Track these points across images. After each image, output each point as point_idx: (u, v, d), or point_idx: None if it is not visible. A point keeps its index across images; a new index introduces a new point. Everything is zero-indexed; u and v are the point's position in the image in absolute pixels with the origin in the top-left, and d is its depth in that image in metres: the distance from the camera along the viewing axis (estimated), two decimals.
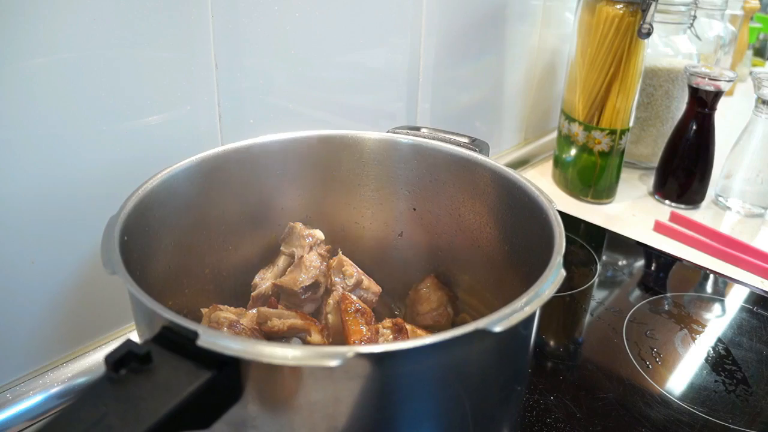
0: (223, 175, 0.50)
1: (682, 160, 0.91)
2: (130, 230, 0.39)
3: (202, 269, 0.51)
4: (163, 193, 0.45)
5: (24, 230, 0.47)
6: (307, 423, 0.32)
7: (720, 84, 0.85)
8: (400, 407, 0.33)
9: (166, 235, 0.46)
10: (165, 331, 0.30)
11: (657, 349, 0.62)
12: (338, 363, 0.28)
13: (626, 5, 0.80)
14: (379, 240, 0.58)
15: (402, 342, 0.30)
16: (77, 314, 0.53)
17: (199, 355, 0.28)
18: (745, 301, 0.71)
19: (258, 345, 0.29)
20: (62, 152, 0.48)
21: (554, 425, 0.52)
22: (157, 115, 0.53)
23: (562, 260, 0.37)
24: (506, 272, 0.50)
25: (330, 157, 0.55)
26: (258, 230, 0.55)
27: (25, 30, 0.43)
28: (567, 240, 0.39)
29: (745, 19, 1.44)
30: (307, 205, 0.56)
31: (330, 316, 0.50)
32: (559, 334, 0.65)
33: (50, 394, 0.51)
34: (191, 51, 0.53)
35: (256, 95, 0.60)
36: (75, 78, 0.47)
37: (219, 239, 0.52)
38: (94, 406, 0.26)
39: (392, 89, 0.76)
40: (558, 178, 0.98)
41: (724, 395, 0.57)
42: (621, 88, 0.85)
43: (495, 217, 0.50)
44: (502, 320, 0.31)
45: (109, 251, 0.36)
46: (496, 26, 0.88)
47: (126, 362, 0.27)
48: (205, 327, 0.29)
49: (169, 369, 0.28)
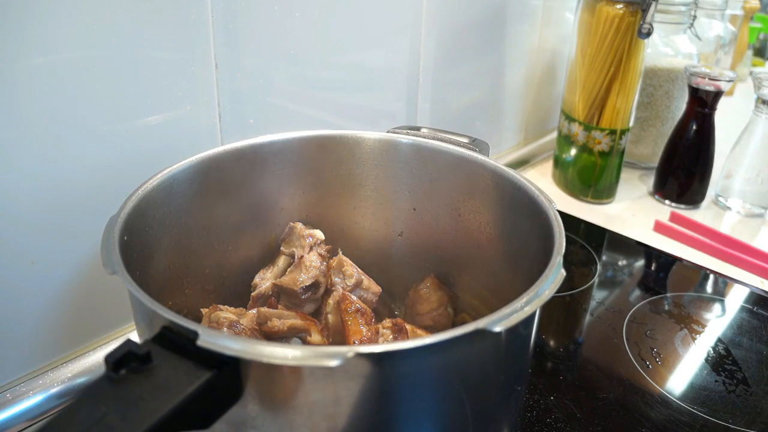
0: (223, 175, 0.50)
1: (682, 160, 0.91)
2: (130, 230, 0.39)
3: (202, 269, 0.51)
4: (162, 193, 0.45)
5: (24, 230, 0.47)
6: (307, 423, 0.32)
7: (720, 84, 0.85)
8: (400, 407, 0.33)
9: (166, 235, 0.46)
10: (165, 331, 0.30)
11: (657, 349, 0.62)
12: (338, 363, 0.28)
13: (626, 5, 0.80)
14: (379, 240, 0.58)
15: (402, 342, 0.30)
16: (77, 314, 0.53)
17: (199, 355, 0.28)
18: (745, 301, 0.71)
19: (258, 345, 0.29)
20: (62, 152, 0.48)
21: (554, 425, 0.52)
22: (157, 115, 0.53)
23: (562, 260, 0.37)
24: (506, 272, 0.50)
25: (330, 157, 0.55)
26: (258, 230, 0.55)
27: (25, 30, 0.43)
28: (567, 240, 0.39)
29: (745, 19, 1.44)
30: (307, 205, 0.56)
31: (330, 316, 0.50)
32: (559, 334, 0.65)
33: (50, 394, 0.51)
34: (191, 51, 0.53)
35: (256, 95, 0.60)
36: (75, 78, 0.47)
37: (219, 239, 0.52)
38: (94, 406, 0.26)
39: (392, 89, 0.76)
40: (558, 178, 0.98)
41: (724, 395, 0.57)
42: (621, 88, 0.85)
43: (495, 217, 0.50)
44: (502, 320, 0.31)
45: (109, 251, 0.36)
46: (496, 26, 0.88)
47: (126, 362, 0.27)
48: (205, 327, 0.29)
49: (169, 369, 0.28)
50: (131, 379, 0.27)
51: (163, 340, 0.29)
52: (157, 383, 0.27)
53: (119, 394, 0.26)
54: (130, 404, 0.26)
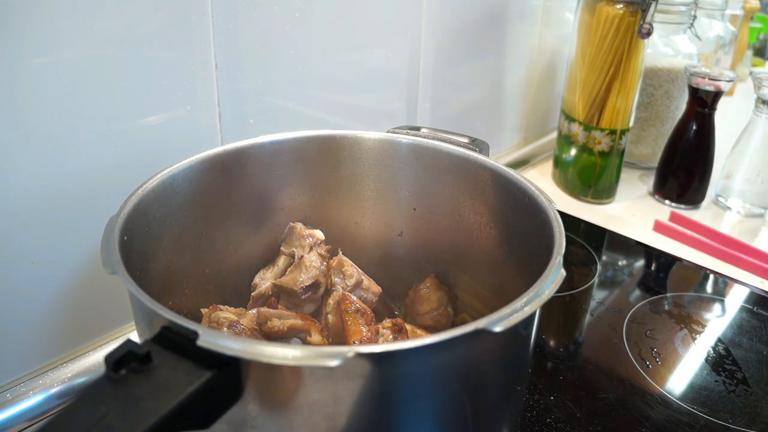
0: (223, 174, 0.50)
1: (682, 160, 0.91)
2: (130, 230, 0.39)
3: (202, 269, 0.51)
4: (162, 193, 0.45)
5: (24, 230, 0.47)
6: (307, 423, 0.32)
7: (720, 84, 0.85)
8: (400, 407, 0.33)
9: (166, 235, 0.46)
10: (165, 331, 0.30)
11: (657, 349, 0.62)
12: (338, 363, 0.28)
13: (626, 5, 0.80)
14: (379, 240, 0.58)
15: (402, 342, 0.30)
16: (77, 314, 0.53)
17: (199, 355, 0.28)
18: (745, 301, 0.71)
19: (258, 345, 0.29)
20: (62, 152, 0.48)
21: (554, 425, 0.52)
22: (157, 115, 0.53)
23: (562, 260, 0.37)
24: (507, 272, 0.50)
25: (330, 157, 0.55)
26: (258, 230, 0.55)
27: (25, 30, 0.43)
28: (567, 240, 0.39)
29: (745, 19, 1.44)
30: (307, 205, 0.56)
31: (330, 316, 0.50)
32: (559, 334, 0.65)
33: (50, 394, 0.51)
34: (191, 51, 0.53)
35: (256, 95, 0.60)
36: (75, 78, 0.47)
37: (219, 239, 0.52)
38: (94, 406, 0.26)
39: (392, 89, 0.76)
40: (558, 178, 0.98)
41: (725, 395, 0.57)
42: (621, 88, 0.85)
43: (495, 217, 0.50)
44: (502, 320, 0.31)
45: (109, 251, 0.36)
46: (496, 26, 0.88)
47: (126, 362, 0.27)
48: (205, 327, 0.29)
49: (169, 369, 0.28)
50: (131, 379, 0.27)
51: (163, 340, 0.29)
52: (157, 383, 0.27)
53: (119, 394, 0.26)
54: (130, 404, 0.26)
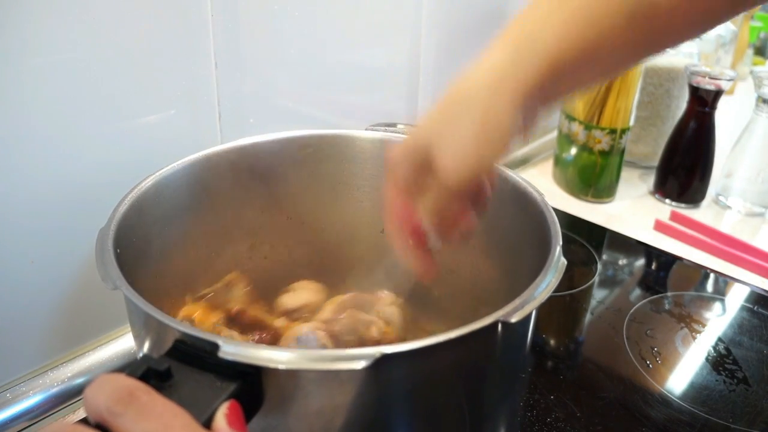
0: (222, 175, 0.50)
1: (682, 159, 0.91)
2: (122, 241, 0.39)
3: (199, 273, 0.51)
4: (153, 198, 0.44)
5: (23, 230, 0.47)
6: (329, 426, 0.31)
7: (720, 83, 0.85)
8: (400, 407, 0.33)
9: (158, 241, 0.45)
10: (179, 345, 0.29)
11: (657, 348, 0.62)
12: (365, 365, 0.27)
13: None
14: (378, 240, 0.58)
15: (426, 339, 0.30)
16: (77, 314, 0.53)
17: (220, 367, 0.28)
18: (746, 300, 0.71)
19: (281, 352, 0.28)
20: (62, 152, 0.48)
21: (554, 425, 0.52)
22: (157, 115, 0.53)
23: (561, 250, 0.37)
24: (503, 266, 0.50)
25: (329, 157, 0.55)
26: (257, 230, 0.55)
27: (25, 30, 0.43)
28: (567, 239, 0.40)
29: (746, 18, 1.44)
30: (305, 205, 0.56)
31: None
32: (560, 333, 0.65)
33: (50, 394, 0.51)
34: (191, 51, 0.53)
35: (256, 95, 0.60)
36: (74, 78, 0.47)
37: (217, 241, 0.52)
38: None
39: (392, 89, 0.76)
40: (558, 177, 0.98)
41: (725, 394, 0.56)
42: (621, 88, 0.85)
43: (489, 212, 0.50)
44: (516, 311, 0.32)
45: (106, 265, 0.35)
46: (496, 25, 0.88)
47: (146, 379, 0.26)
48: (223, 337, 0.28)
49: (192, 384, 0.27)
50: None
51: (178, 353, 0.28)
52: (184, 400, 0.25)
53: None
54: None
